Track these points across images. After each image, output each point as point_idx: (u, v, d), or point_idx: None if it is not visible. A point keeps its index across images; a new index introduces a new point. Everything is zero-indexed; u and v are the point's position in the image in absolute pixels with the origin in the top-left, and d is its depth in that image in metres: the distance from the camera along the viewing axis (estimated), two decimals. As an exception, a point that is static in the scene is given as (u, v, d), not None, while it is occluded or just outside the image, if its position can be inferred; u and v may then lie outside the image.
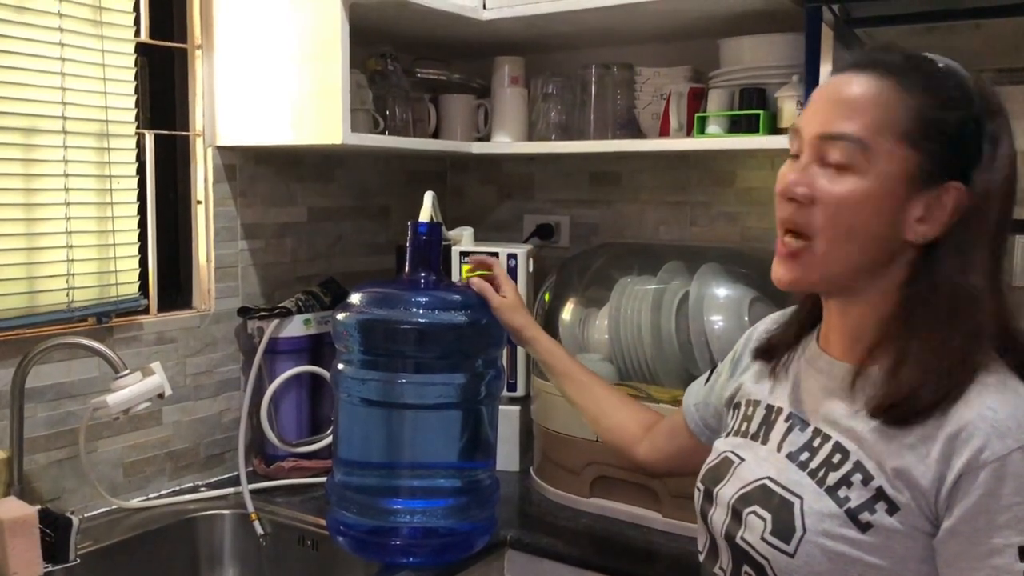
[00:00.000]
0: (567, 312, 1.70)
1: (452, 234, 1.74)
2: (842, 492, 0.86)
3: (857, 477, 0.85)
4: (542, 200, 2.14)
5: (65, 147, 1.44)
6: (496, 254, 1.71)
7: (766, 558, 0.89)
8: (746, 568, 0.92)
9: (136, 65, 1.55)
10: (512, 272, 1.71)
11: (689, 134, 1.66)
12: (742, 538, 0.92)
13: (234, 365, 1.75)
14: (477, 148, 1.87)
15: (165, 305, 1.66)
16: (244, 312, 1.72)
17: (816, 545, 0.85)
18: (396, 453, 1.34)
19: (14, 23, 1.36)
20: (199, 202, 1.70)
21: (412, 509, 1.32)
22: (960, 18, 1.25)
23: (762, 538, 0.89)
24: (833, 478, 0.87)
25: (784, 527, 0.88)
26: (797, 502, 0.88)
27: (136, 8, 1.54)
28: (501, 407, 1.61)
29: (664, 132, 1.71)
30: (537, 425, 1.69)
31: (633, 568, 1.38)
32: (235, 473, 1.69)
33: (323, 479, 1.62)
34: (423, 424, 1.32)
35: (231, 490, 1.63)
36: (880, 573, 0.83)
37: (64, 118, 1.43)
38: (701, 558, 1.02)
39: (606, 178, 2.04)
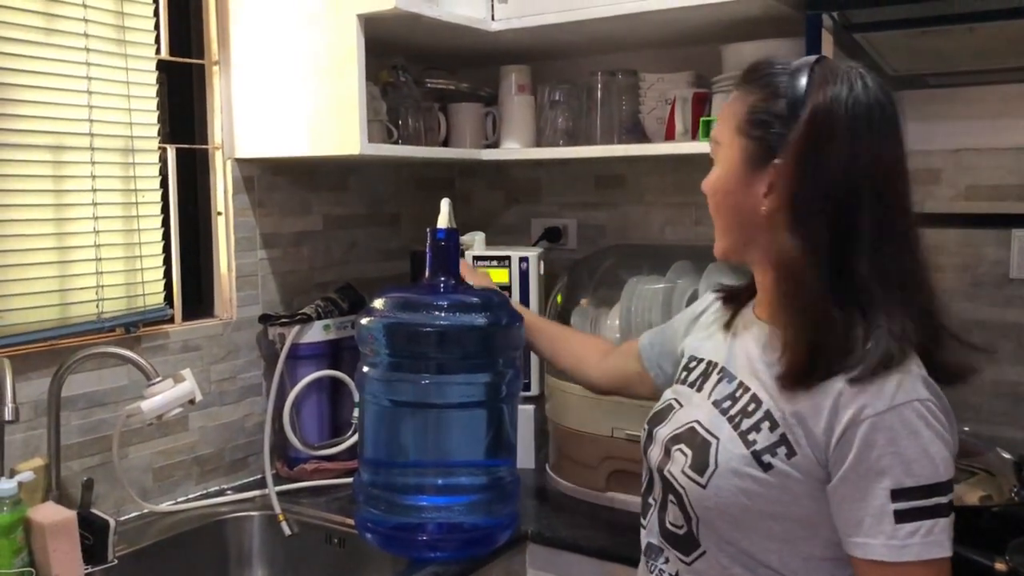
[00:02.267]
0: (579, 312, 1.75)
1: (464, 239, 1.79)
2: (751, 436, 0.98)
3: (765, 424, 0.98)
4: (549, 204, 2.18)
5: (92, 163, 1.49)
6: (508, 258, 1.76)
7: (684, 488, 1.03)
8: (670, 497, 1.06)
9: (157, 82, 1.59)
10: (524, 275, 1.77)
11: (694, 138, 1.71)
12: (668, 471, 1.06)
13: (256, 371, 1.79)
14: (487, 155, 1.92)
15: (189, 314, 1.70)
16: (265, 319, 1.77)
17: (725, 479, 0.98)
18: (421, 452, 1.39)
19: (43, 44, 1.41)
20: (219, 213, 1.75)
21: (437, 506, 1.37)
22: (955, 23, 1.29)
23: (683, 471, 1.03)
24: (746, 424, 1.00)
25: (701, 463, 1.01)
26: (714, 442, 1.01)
27: (156, 26, 1.59)
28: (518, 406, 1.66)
29: (670, 136, 1.76)
30: (552, 423, 1.74)
31: (650, 558, 1.43)
32: (259, 476, 1.74)
33: (345, 480, 1.68)
34: (447, 423, 1.37)
35: (257, 493, 1.68)
36: (777, 507, 0.96)
37: (91, 135, 1.48)
38: (642, 489, 1.16)
39: (612, 181, 2.09)
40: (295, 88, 1.63)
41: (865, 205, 0.94)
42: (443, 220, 1.42)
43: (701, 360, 1.14)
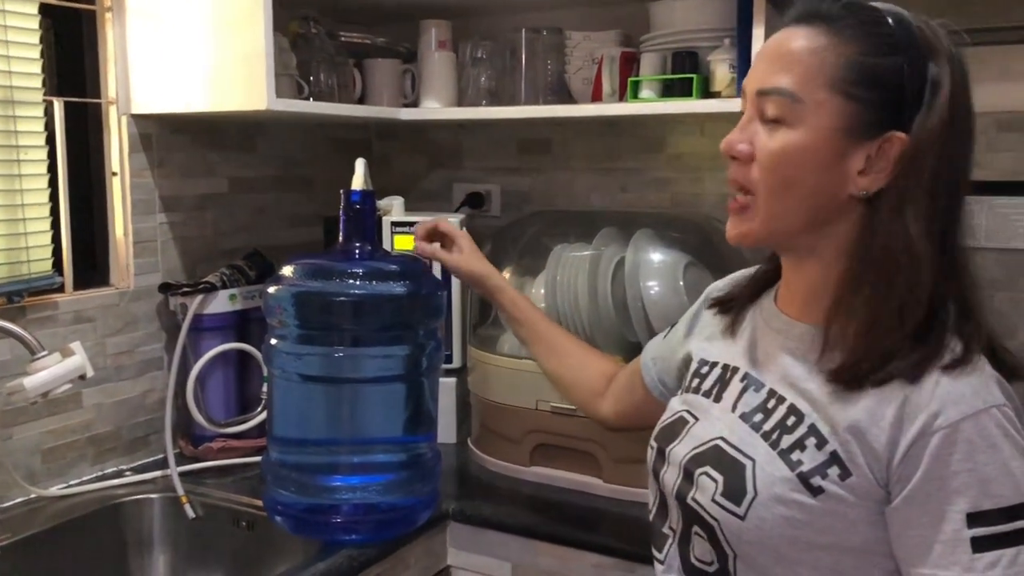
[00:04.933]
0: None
1: (382, 204, 1.70)
2: (795, 455, 0.85)
3: (811, 440, 0.84)
4: (472, 168, 2.10)
5: (-34, 115, 1.35)
6: (428, 223, 1.67)
7: (716, 519, 0.88)
8: (696, 528, 0.91)
9: (41, 27, 1.45)
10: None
11: (622, 99, 1.65)
12: (693, 499, 0.91)
13: (157, 344, 1.67)
14: (406, 114, 1.83)
15: (81, 283, 1.57)
16: (165, 288, 1.65)
17: (767, 508, 0.84)
18: (335, 429, 1.31)
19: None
20: (114, 174, 1.61)
21: (353, 486, 1.29)
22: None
23: (713, 500, 0.88)
24: (787, 441, 0.86)
25: (735, 489, 0.87)
26: (749, 464, 0.87)
27: (38, -34, 1.45)
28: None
29: (597, 97, 1.70)
30: (474, 395, 1.67)
31: (576, 534, 1.38)
32: (161, 456, 1.63)
33: (255, 459, 1.59)
34: (363, 398, 1.29)
35: (158, 473, 1.57)
36: (829, 537, 0.83)
37: (-37, 84, 1.34)
38: (651, 516, 1.02)
39: (536, 146, 2.02)
40: (196, 37, 1.50)
41: (969, 179, 0.84)
42: (358, 181, 1.33)
43: (714, 364, 0.99)
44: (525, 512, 1.45)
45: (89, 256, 1.63)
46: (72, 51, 1.61)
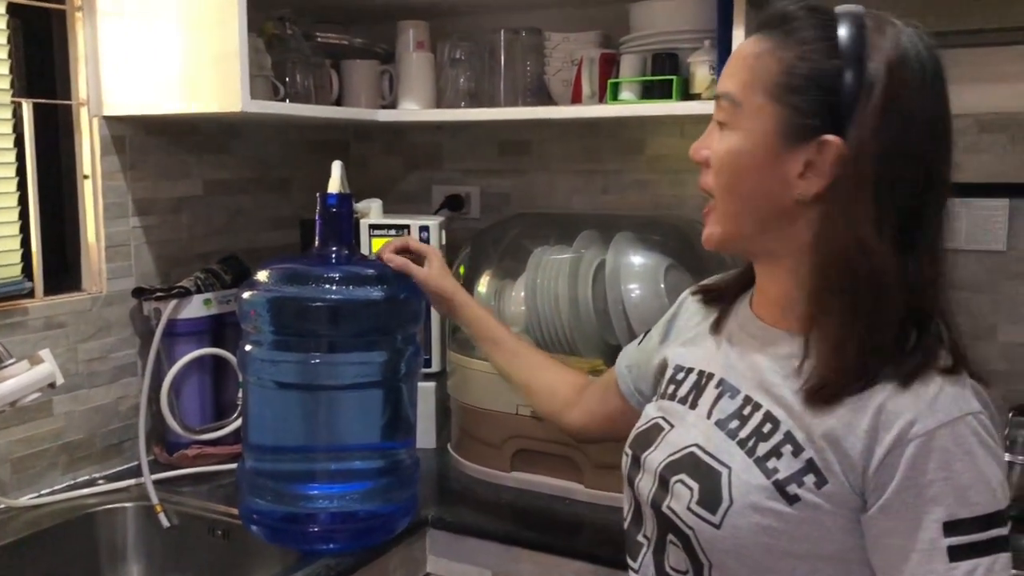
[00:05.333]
0: (483, 285, 1.66)
1: (359, 207, 1.68)
2: (771, 463, 0.84)
3: (787, 448, 0.83)
4: (451, 170, 2.08)
5: (-69, 117, 1.32)
6: (407, 227, 1.66)
7: (692, 528, 0.87)
8: (671, 537, 0.90)
9: (8, 27, 1.42)
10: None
11: (602, 100, 1.64)
12: (668, 507, 0.90)
13: (130, 350, 1.64)
14: (384, 116, 1.80)
15: (52, 288, 1.53)
16: (139, 293, 1.62)
17: (742, 517, 0.83)
18: (312, 436, 1.28)
19: None
20: (86, 176, 1.58)
21: (330, 494, 1.27)
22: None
23: (688, 508, 0.87)
24: (763, 448, 0.85)
25: (711, 497, 0.86)
26: (725, 472, 0.86)
27: (6, -36, 1.42)
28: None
29: (576, 99, 1.68)
30: (454, 400, 1.65)
31: (557, 541, 1.36)
32: (135, 464, 1.60)
33: (231, 466, 1.56)
34: (340, 405, 1.26)
35: (132, 481, 1.54)
36: (805, 546, 0.82)
37: (-72, 85, 1.31)
38: (625, 524, 1.01)
39: (516, 147, 2.00)
40: (169, 37, 1.47)
41: (930, 183, 0.81)
42: (335, 184, 1.32)
43: (690, 370, 0.98)
44: (505, 518, 1.43)
45: (60, 261, 1.60)
46: (41, 51, 1.58)
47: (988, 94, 1.59)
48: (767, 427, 0.86)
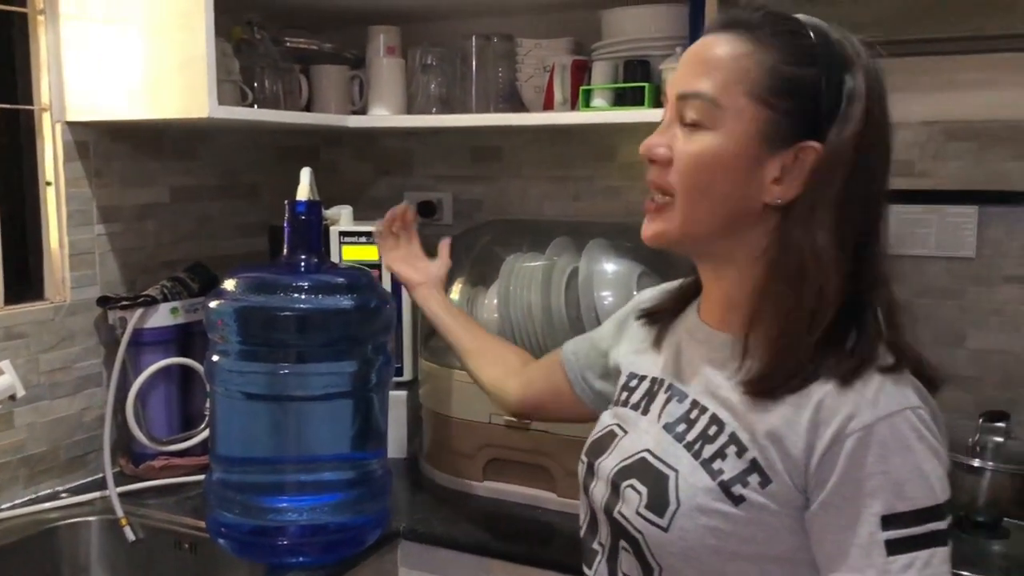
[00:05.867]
0: (455, 292, 1.64)
1: (329, 213, 1.65)
2: (716, 464, 0.84)
3: (732, 449, 0.84)
4: (422, 176, 2.07)
5: None
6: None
7: (640, 532, 0.87)
8: (623, 543, 0.90)
9: (-32, 30, 1.39)
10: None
11: (574, 107, 1.63)
12: (619, 512, 0.90)
13: (95, 360, 1.61)
14: (354, 122, 1.79)
15: (13, 297, 1.50)
16: (104, 302, 1.59)
17: (689, 519, 0.84)
18: (280, 448, 1.26)
19: None
20: (48, 183, 1.55)
21: (299, 506, 1.25)
22: (843, -10, 1.25)
23: (637, 512, 0.88)
24: (709, 451, 0.85)
25: (659, 501, 0.86)
26: (672, 475, 0.86)
27: (-34, -34, 1.39)
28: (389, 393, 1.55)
29: (548, 105, 1.67)
30: (426, 409, 1.64)
31: (530, 551, 1.35)
32: (100, 476, 1.57)
33: (198, 478, 1.53)
34: (309, 416, 1.24)
35: (96, 495, 1.51)
36: (752, 547, 0.82)
37: None
38: (582, 532, 1.01)
39: (488, 153, 1.99)
40: (133, 42, 1.45)
41: (886, 191, 0.84)
42: (303, 191, 1.30)
43: (643, 377, 0.99)
44: (478, 529, 1.42)
45: (22, 269, 1.57)
46: (2, 55, 1.54)
47: (957, 102, 1.60)
48: (712, 429, 0.86)
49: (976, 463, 1.40)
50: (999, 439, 1.44)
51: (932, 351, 1.66)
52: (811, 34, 0.83)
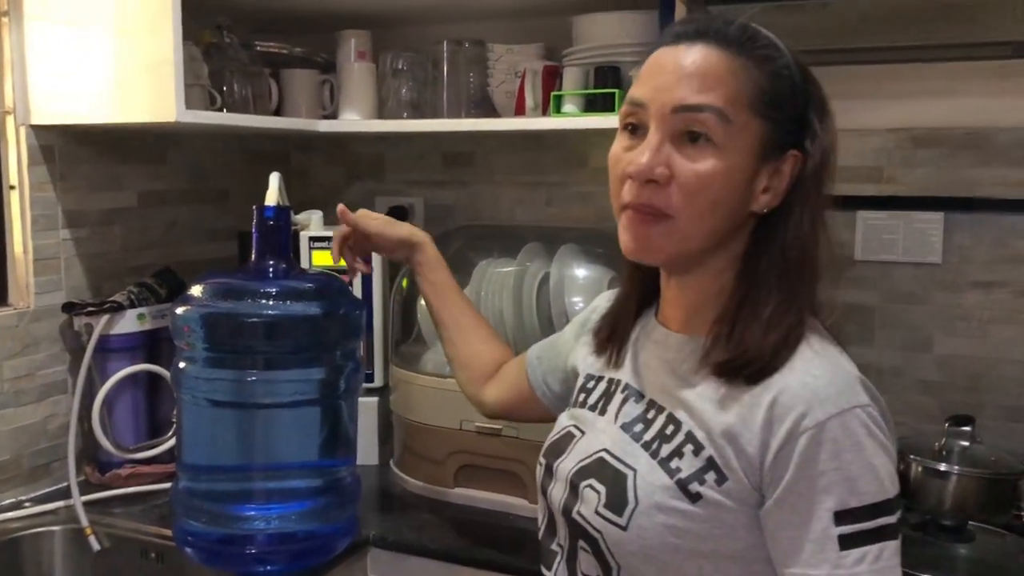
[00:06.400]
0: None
1: (299, 218, 1.64)
2: (674, 463, 0.85)
3: (688, 448, 0.85)
4: (394, 181, 2.06)
5: None
6: (348, 239, 1.62)
7: (599, 531, 0.88)
8: (581, 543, 0.91)
9: (-71, 32, 1.37)
10: (367, 261, 1.63)
11: (545, 113, 1.63)
12: (578, 512, 0.91)
13: (60, 367, 1.59)
14: (324, 126, 1.78)
15: (-25, 303, 1.48)
16: (69, 308, 1.57)
17: (648, 517, 0.85)
18: (248, 455, 1.24)
19: None
20: (12, 187, 1.53)
21: (267, 514, 1.23)
22: (808, -2, 1.27)
23: (596, 511, 0.88)
24: (666, 450, 0.87)
25: (617, 500, 0.87)
26: (631, 474, 0.87)
27: (-73, -33, 1.36)
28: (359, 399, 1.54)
29: (519, 111, 1.67)
30: (397, 416, 1.63)
31: (501, 558, 1.35)
32: (65, 484, 1.54)
33: (166, 485, 1.52)
34: (277, 423, 1.23)
35: (61, 504, 1.49)
36: (709, 544, 0.83)
37: None
38: (540, 534, 1.01)
39: (460, 158, 1.99)
40: (99, 44, 1.43)
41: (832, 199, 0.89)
42: (272, 197, 1.28)
43: (600, 378, 1.00)
44: (449, 536, 1.41)
45: (-16, 275, 1.54)
46: (-35, 58, 1.52)
47: (924, 110, 1.62)
48: (670, 428, 0.87)
49: (942, 467, 1.42)
50: (965, 443, 1.46)
51: (900, 356, 1.70)
52: (779, 46, 0.86)
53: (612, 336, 1.01)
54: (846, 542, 0.78)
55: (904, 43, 1.52)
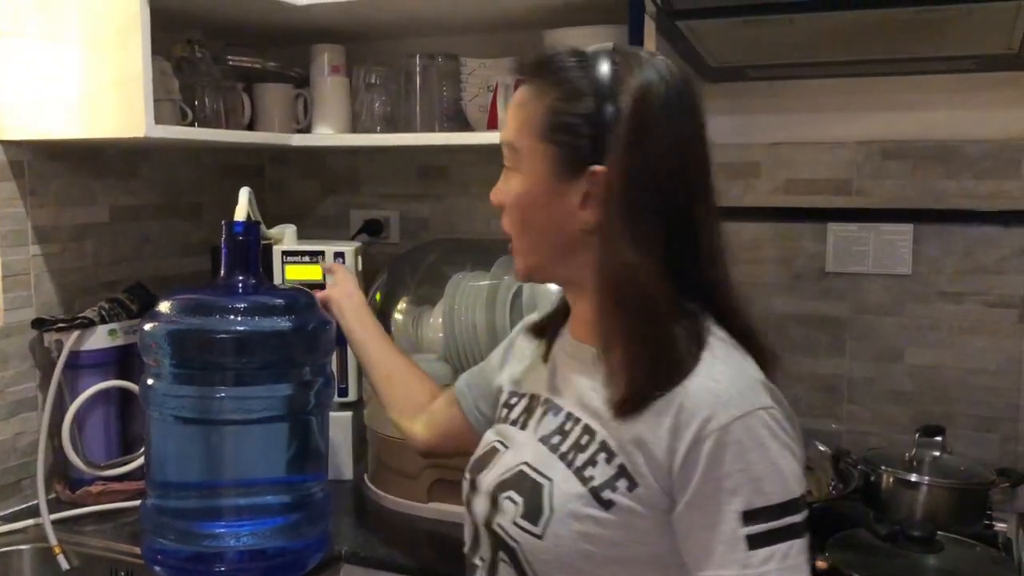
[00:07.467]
0: (400, 312, 1.64)
1: (273, 232, 1.64)
2: (588, 472, 0.87)
3: (602, 456, 0.87)
4: (369, 195, 2.06)
5: None
6: (321, 253, 1.63)
7: (517, 541, 0.90)
8: (501, 554, 0.93)
9: None
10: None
11: (517, 126, 1.63)
12: (497, 523, 0.93)
13: (30, 383, 1.58)
14: (297, 140, 1.77)
15: (-57, 320, 1.47)
16: (39, 324, 1.56)
17: (563, 525, 0.87)
18: (217, 472, 1.24)
19: None
20: (-20, 203, 1.52)
21: (237, 531, 1.23)
22: (775, 12, 1.27)
23: (514, 522, 0.91)
24: (581, 459, 0.89)
25: (534, 510, 0.89)
26: (547, 484, 0.90)
27: None
28: (332, 414, 1.53)
29: (492, 125, 1.68)
30: (371, 430, 1.62)
31: (475, 573, 1.34)
32: (35, 502, 1.52)
33: (138, 503, 1.49)
34: (246, 440, 1.23)
35: (30, 522, 1.47)
36: (623, 551, 0.85)
37: None
38: (465, 549, 1.03)
39: (435, 172, 1.99)
40: (70, 59, 1.42)
41: (695, 196, 0.88)
42: (241, 212, 1.29)
43: (523, 395, 1.03)
44: (423, 551, 1.41)
45: (-47, 291, 1.53)
46: (-67, 73, 1.51)
47: (892, 122, 1.64)
48: (584, 439, 0.90)
49: (913, 477, 1.43)
50: (935, 453, 1.47)
51: (871, 367, 1.71)
52: (594, 65, 0.88)
53: (544, 329, 1.06)
54: (754, 542, 0.80)
55: (871, 57, 1.54)
